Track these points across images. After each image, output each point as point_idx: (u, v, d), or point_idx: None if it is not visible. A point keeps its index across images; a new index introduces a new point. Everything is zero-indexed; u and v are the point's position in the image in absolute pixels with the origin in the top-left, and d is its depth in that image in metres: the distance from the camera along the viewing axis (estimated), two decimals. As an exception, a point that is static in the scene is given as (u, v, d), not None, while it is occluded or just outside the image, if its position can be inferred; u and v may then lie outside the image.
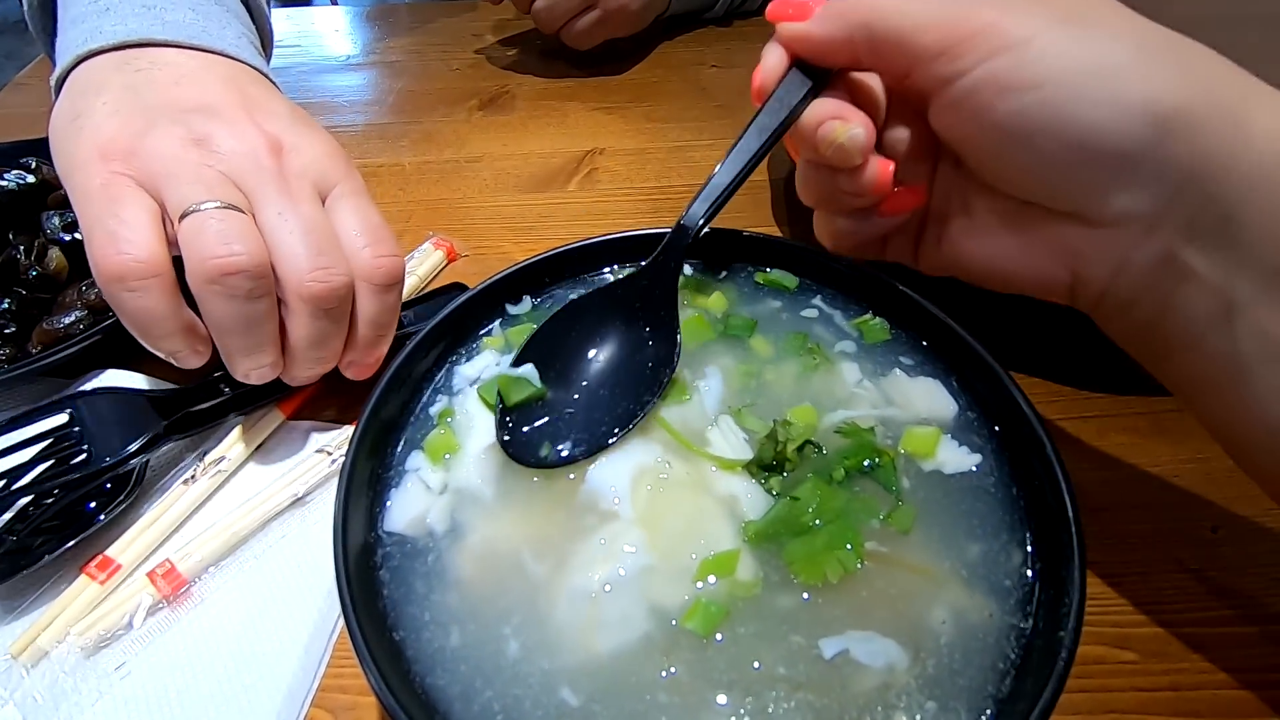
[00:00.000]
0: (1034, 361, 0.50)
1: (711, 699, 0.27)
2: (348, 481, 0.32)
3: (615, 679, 0.28)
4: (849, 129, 0.35)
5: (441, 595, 0.31)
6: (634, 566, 0.31)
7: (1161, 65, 0.29)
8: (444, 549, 0.32)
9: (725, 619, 0.29)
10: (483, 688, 0.28)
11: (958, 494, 0.33)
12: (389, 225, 0.44)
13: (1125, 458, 0.45)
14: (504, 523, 0.33)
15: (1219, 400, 0.32)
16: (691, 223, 0.39)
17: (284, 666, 0.38)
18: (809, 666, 0.28)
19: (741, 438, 0.35)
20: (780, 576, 0.31)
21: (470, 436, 0.36)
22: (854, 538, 0.31)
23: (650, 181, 0.70)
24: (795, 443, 0.34)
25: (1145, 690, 0.36)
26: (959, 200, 0.39)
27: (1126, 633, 0.38)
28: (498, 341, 0.41)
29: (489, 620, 0.30)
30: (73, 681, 0.37)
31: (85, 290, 0.53)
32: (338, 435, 0.48)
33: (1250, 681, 0.36)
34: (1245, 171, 0.28)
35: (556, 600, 0.30)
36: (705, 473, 0.34)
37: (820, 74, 0.37)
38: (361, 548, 0.31)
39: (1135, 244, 0.31)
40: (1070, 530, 0.28)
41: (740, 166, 0.38)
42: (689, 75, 0.85)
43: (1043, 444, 0.31)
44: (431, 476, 0.34)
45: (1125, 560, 0.41)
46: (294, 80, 0.89)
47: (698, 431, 0.35)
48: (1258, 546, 0.41)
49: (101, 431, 0.43)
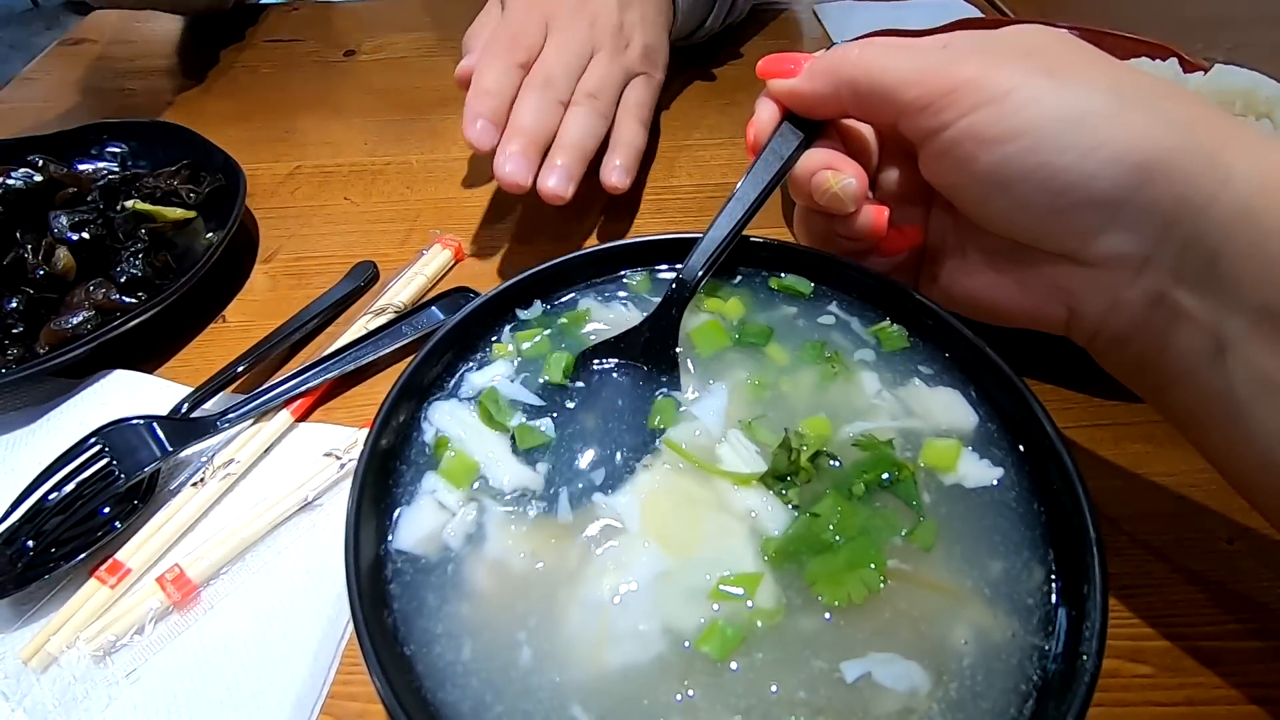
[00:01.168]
0: (1048, 368, 0.49)
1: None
2: (358, 497, 0.31)
3: (627, 699, 0.28)
4: (840, 179, 0.37)
5: (455, 607, 0.31)
6: (648, 580, 0.30)
7: (1138, 111, 0.30)
8: (459, 562, 0.32)
9: (742, 643, 0.29)
10: (493, 702, 0.28)
11: (980, 509, 0.33)
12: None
13: (1140, 467, 0.45)
14: (518, 540, 0.33)
15: (1215, 434, 0.32)
16: (691, 276, 0.39)
17: (293, 673, 0.38)
18: (830, 690, 0.28)
19: (754, 451, 0.35)
20: (803, 599, 0.30)
21: (479, 455, 0.36)
22: (876, 556, 0.30)
23: (657, 181, 0.70)
24: (809, 453, 0.34)
25: (1160, 705, 0.36)
26: (954, 240, 0.40)
27: (1141, 646, 0.38)
28: (506, 349, 0.40)
29: (501, 630, 0.30)
30: (84, 688, 0.37)
31: (93, 290, 0.53)
32: (347, 438, 0.47)
33: (1267, 697, 0.36)
34: (1225, 213, 0.28)
35: (569, 613, 0.30)
36: (720, 489, 0.33)
37: (812, 125, 0.39)
38: (373, 564, 0.31)
39: (1126, 283, 0.32)
40: (1092, 551, 0.28)
41: (737, 218, 0.39)
42: (695, 72, 0.84)
43: (1063, 458, 0.30)
44: (448, 496, 0.34)
45: (1140, 572, 0.40)
46: (298, 74, 0.88)
47: (707, 449, 0.35)
48: (1274, 559, 0.41)
49: (129, 454, 0.44)
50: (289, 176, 0.72)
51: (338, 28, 0.97)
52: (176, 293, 0.52)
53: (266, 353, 0.53)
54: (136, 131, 0.69)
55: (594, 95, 0.57)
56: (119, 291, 0.54)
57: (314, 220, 0.67)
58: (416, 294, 0.58)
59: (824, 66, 0.37)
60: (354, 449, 0.46)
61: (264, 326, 0.55)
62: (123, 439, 0.44)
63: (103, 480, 0.43)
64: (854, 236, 0.39)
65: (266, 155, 0.75)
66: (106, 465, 0.43)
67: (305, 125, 0.80)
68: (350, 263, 0.61)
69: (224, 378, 0.50)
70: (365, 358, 0.51)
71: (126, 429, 0.45)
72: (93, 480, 0.43)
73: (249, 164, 0.65)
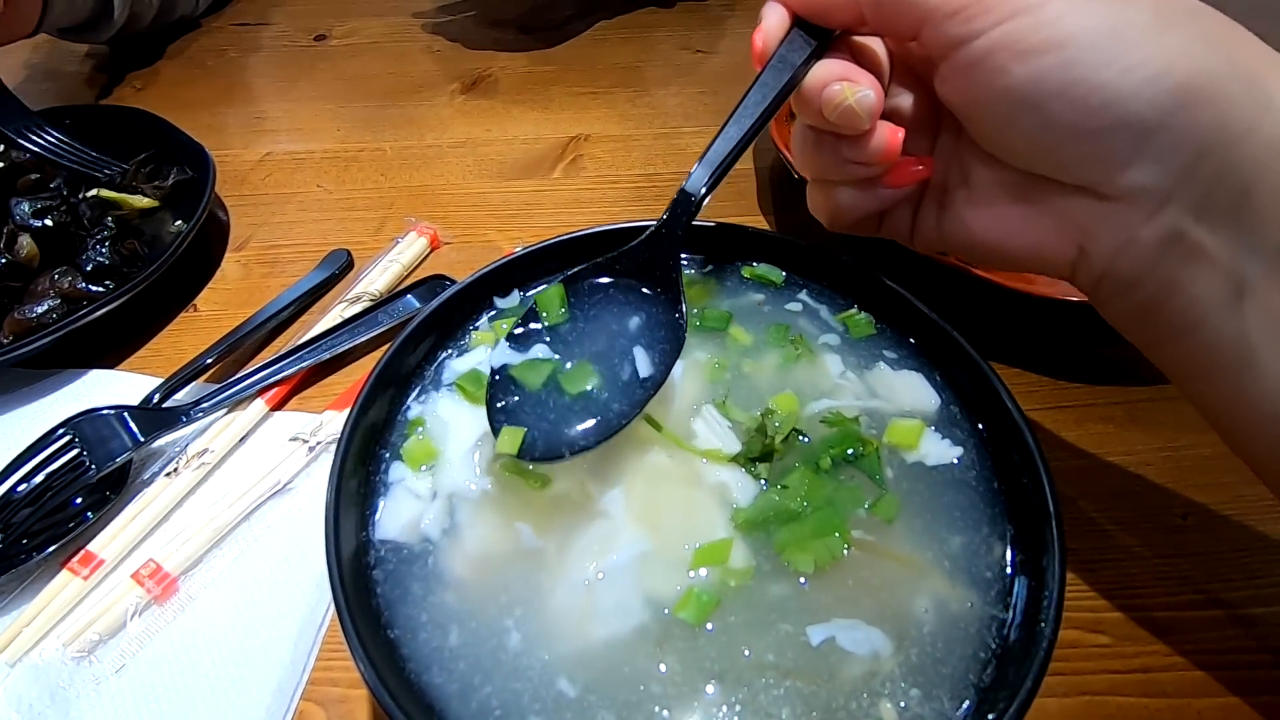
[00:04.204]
0: (1013, 352, 0.51)
1: (702, 688, 0.28)
2: (337, 487, 0.31)
3: (610, 669, 0.28)
4: (857, 90, 0.33)
5: (440, 596, 0.31)
6: (628, 556, 0.31)
7: (1180, 29, 0.28)
8: (440, 552, 0.32)
9: (717, 608, 0.30)
10: (481, 684, 0.28)
11: (940, 486, 0.34)
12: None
13: (1100, 447, 0.47)
14: (498, 522, 0.33)
15: (1219, 386, 0.31)
16: (695, 189, 0.37)
17: (273, 660, 0.38)
18: (797, 654, 0.29)
19: (726, 426, 0.35)
20: (772, 565, 0.31)
21: (449, 441, 0.36)
22: (840, 525, 0.32)
23: (636, 168, 0.70)
24: (782, 433, 0.35)
25: (1117, 672, 0.37)
26: (960, 172, 0.37)
27: (1100, 617, 0.39)
28: (488, 337, 0.40)
29: (490, 617, 0.30)
30: (75, 690, 0.37)
31: (58, 279, 0.52)
32: (314, 422, 0.47)
33: (1217, 663, 0.37)
34: (1262, 145, 0.27)
35: (554, 591, 0.31)
36: (694, 465, 0.34)
37: (823, 34, 0.35)
38: (354, 554, 0.31)
39: (1144, 220, 0.30)
40: (1051, 525, 0.29)
41: (745, 129, 0.36)
42: (674, 60, 0.84)
43: (1025, 439, 0.32)
44: (418, 484, 0.34)
45: (1099, 547, 0.42)
46: (267, 59, 0.87)
47: (683, 424, 0.36)
48: (1225, 533, 0.42)
49: (100, 444, 0.44)
50: (259, 163, 0.71)
51: (307, 12, 0.95)
52: (145, 281, 0.51)
53: (239, 342, 0.52)
54: (100, 117, 0.68)
55: None
56: (85, 280, 0.53)
57: (286, 208, 0.66)
58: (392, 282, 0.57)
59: None
60: (320, 432, 0.46)
61: (236, 315, 0.54)
62: (93, 429, 0.43)
63: (73, 471, 0.42)
64: (864, 160, 0.36)
65: (236, 142, 0.73)
66: (77, 456, 0.43)
67: (275, 111, 0.78)
68: (324, 250, 0.60)
69: (196, 367, 0.49)
70: (341, 346, 0.51)
71: (97, 419, 0.44)
72: (63, 471, 0.42)
73: (218, 151, 0.64)
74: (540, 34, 0.88)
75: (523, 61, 0.84)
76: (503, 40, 0.88)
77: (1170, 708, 0.36)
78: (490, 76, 0.82)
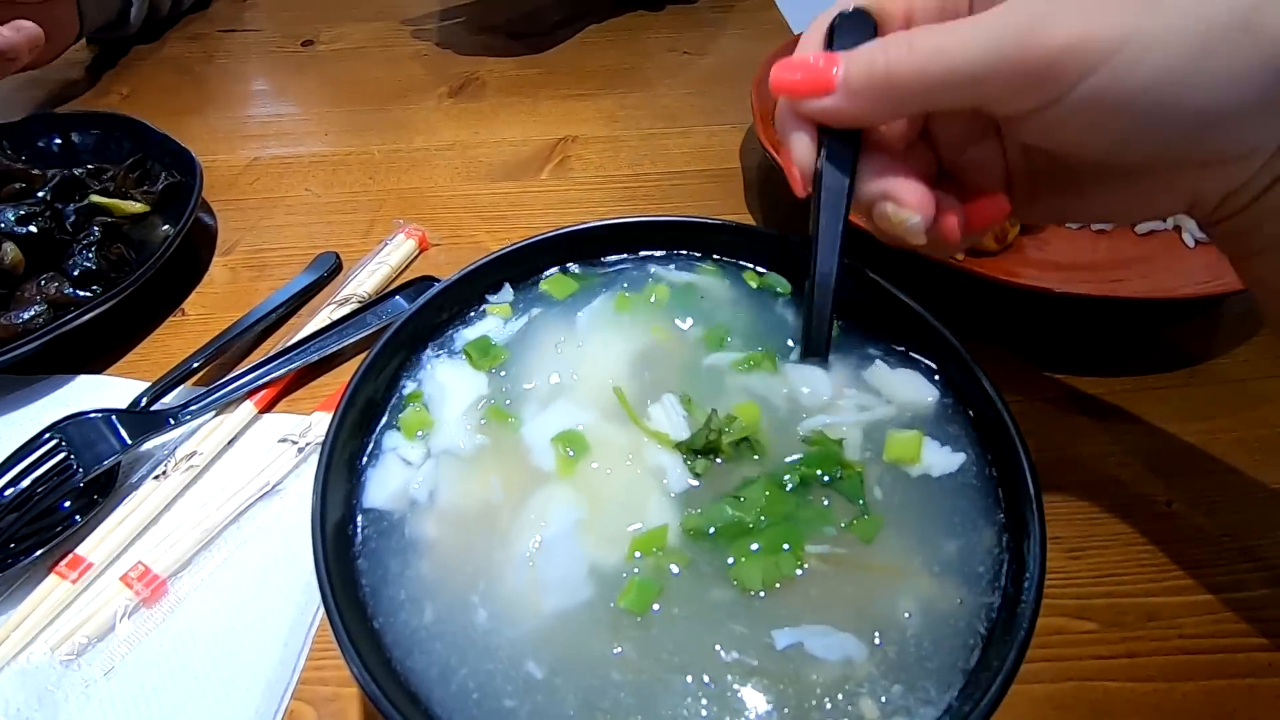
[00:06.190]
0: (997, 341, 0.51)
1: (664, 678, 0.28)
2: (326, 466, 0.32)
3: (570, 650, 0.29)
4: (903, 218, 0.32)
5: (416, 568, 0.32)
6: (568, 524, 0.32)
7: (1264, 14, 0.27)
8: (417, 517, 0.33)
9: (659, 595, 0.30)
10: (458, 665, 0.29)
11: (939, 495, 0.33)
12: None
13: (1085, 437, 0.47)
14: (466, 488, 0.34)
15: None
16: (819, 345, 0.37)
17: (263, 660, 0.38)
18: (761, 654, 0.29)
19: (682, 417, 0.36)
20: (713, 569, 0.31)
21: (445, 406, 0.37)
22: (796, 542, 0.31)
23: (624, 169, 0.70)
24: (732, 436, 0.34)
25: (1103, 658, 0.38)
26: (1044, 170, 0.36)
27: (1086, 604, 0.40)
28: (504, 309, 0.41)
29: (457, 588, 0.31)
30: (63, 693, 0.37)
31: (45, 284, 0.52)
32: (303, 423, 0.47)
33: (1201, 647, 0.38)
34: None
35: (509, 559, 0.32)
36: (640, 441, 0.35)
37: (853, 134, 0.34)
38: (339, 531, 0.31)
39: (1256, 168, 0.30)
40: (1031, 506, 0.29)
41: (833, 264, 0.35)
42: (662, 62, 0.85)
43: (1004, 421, 0.32)
44: (410, 452, 0.35)
45: (1085, 535, 0.42)
46: (254, 65, 0.87)
47: (641, 406, 0.36)
48: (1208, 520, 0.43)
49: (87, 448, 0.44)
50: (247, 168, 0.71)
51: (294, 18, 0.95)
52: (132, 285, 0.51)
53: (227, 345, 0.52)
54: (86, 123, 0.68)
55: None
56: (72, 285, 0.53)
57: (274, 212, 0.66)
58: (381, 284, 0.57)
59: (868, 81, 0.31)
60: (309, 433, 0.46)
61: (224, 319, 0.54)
62: (80, 433, 0.43)
63: (60, 475, 0.42)
64: (931, 252, 0.36)
65: (224, 147, 0.73)
66: (64, 460, 0.43)
67: (263, 116, 0.78)
68: (313, 254, 0.60)
69: (183, 371, 0.49)
70: (329, 348, 0.51)
71: (83, 423, 0.44)
72: (49, 475, 0.42)
73: (206, 156, 0.64)
74: (529, 39, 0.89)
75: (510, 65, 0.85)
76: (491, 46, 0.88)
77: (1155, 691, 0.36)
78: (478, 80, 0.82)
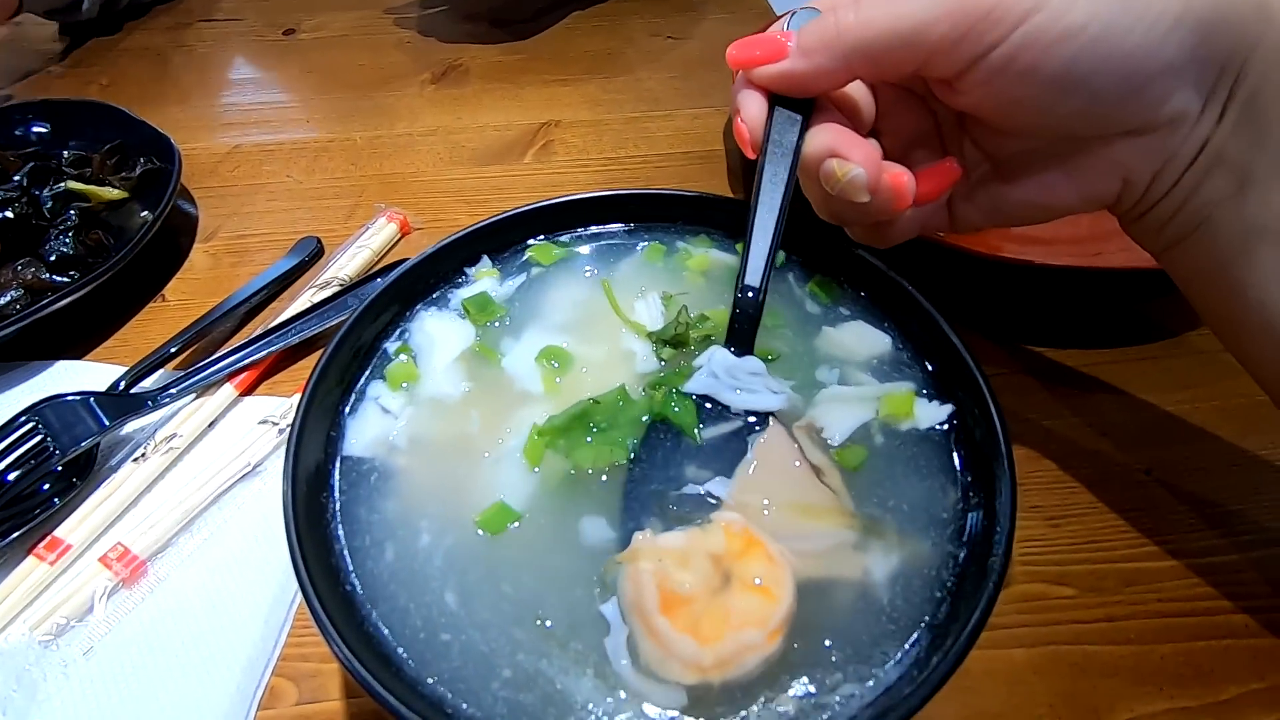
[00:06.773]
0: (978, 316, 0.51)
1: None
2: (303, 416, 0.33)
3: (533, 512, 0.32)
4: (848, 171, 0.33)
5: (382, 511, 0.33)
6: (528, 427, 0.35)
7: None
8: (393, 459, 0.35)
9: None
10: (406, 602, 0.30)
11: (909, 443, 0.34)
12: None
13: (1066, 407, 0.47)
14: (444, 426, 0.36)
15: (1218, 282, 0.33)
16: (754, 307, 0.36)
17: (243, 639, 0.38)
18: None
19: (659, 311, 0.40)
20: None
21: (433, 357, 0.39)
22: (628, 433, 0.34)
23: (607, 153, 0.70)
24: (700, 332, 0.38)
25: (1082, 622, 0.38)
26: (985, 154, 0.37)
27: (1066, 570, 0.40)
28: (492, 272, 0.43)
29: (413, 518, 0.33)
30: (40, 671, 0.36)
31: (21, 269, 0.52)
32: (284, 405, 0.47)
33: (1178, 610, 0.38)
34: (1267, 53, 0.29)
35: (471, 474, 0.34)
36: (618, 335, 0.39)
37: (804, 102, 0.35)
38: (312, 494, 0.32)
39: (1181, 140, 0.32)
40: (1003, 462, 0.30)
41: (771, 233, 0.36)
42: (645, 46, 0.85)
43: (974, 377, 0.32)
44: (391, 401, 0.37)
45: (1065, 503, 0.43)
46: (236, 53, 0.86)
47: (628, 302, 0.41)
48: (1186, 487, 0.43)
49: (64, 430, 0.43)
50: (228, 155, 0.70)
51: (276, 7, 0.94)
52: (110, 270, 0.51)
53: (208, 329, 0.52)
54: (64, 111, 0.67)
55: None
56: (49, 270, 0.52)
57: (255, 198, 0.66)
58: (362, 267, 0.57)
59: (820, 40, 0.33)
60: (290, 414, 0.46)
61: (205, 304, 0.54)
62: (57, 415, 0.43)
63: (37, 457, 0.42)
64: (879, 213, 0.36)
65: (204, 135, 0.73)
66: (41, 442, 0.42)
67: (244, 104, 0.78)
68: (294, 239, 0.60)
69: (163, 354, 0.49)
70: (310, 330, 0.51)
71: (61, 405, 0.44)
72: (26, 458, 0.42)
73: (186, 144, 0.63)
74: (512, 26, 0.88)
75: (494, 51, 0.84)
76: (475, 33, 0.87)
77: (1134, 654, 0.37)
78: (461, 66, 0.82)
